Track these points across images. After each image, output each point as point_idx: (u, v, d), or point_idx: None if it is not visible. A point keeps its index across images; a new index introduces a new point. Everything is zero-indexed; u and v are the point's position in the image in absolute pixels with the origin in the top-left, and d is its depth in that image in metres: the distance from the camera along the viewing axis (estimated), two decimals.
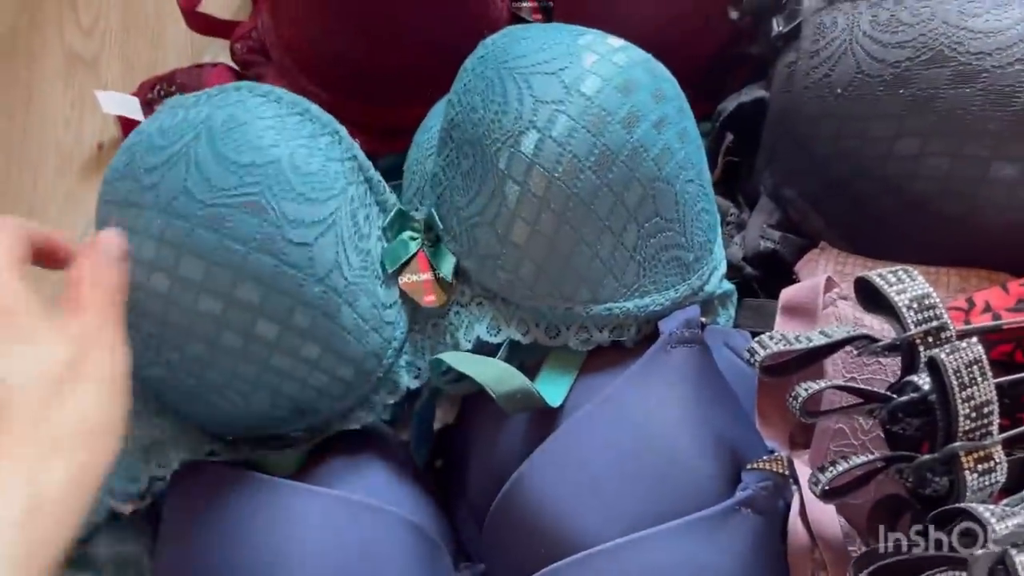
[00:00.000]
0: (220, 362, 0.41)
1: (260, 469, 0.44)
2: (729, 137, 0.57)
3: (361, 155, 0.44)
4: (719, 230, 0.51)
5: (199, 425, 0.45)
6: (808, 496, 0.45)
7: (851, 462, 0.42)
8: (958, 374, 0.39)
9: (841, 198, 0.51)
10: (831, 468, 0.41)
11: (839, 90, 0.50)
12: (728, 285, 0.52)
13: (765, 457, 0.45)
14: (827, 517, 0.46)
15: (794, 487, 0.45)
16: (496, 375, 0.43)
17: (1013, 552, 0.35)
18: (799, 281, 0.53)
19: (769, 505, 0.43)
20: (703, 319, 0.48)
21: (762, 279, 0.54)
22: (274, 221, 0.40)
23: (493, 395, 0.42)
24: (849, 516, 0.46)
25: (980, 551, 0.36)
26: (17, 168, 0.65)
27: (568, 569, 0.40)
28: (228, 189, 0.39)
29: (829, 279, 0.50)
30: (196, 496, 0.43)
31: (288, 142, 0.41)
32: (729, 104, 0.56)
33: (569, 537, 0.41)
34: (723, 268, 0.51)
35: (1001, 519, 0.37)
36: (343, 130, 0.44)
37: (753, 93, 0.55)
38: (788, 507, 0.46)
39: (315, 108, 0.43)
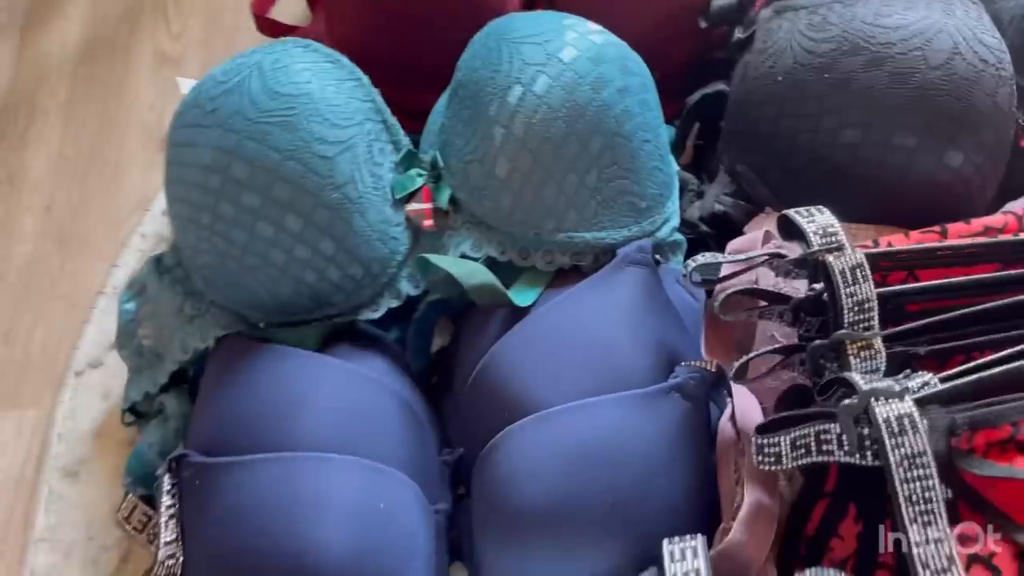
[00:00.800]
0: (256, 248, 0.52)
1: None
2: (696, 125, 0.67)
3: (380, 100, 0.56)
4: (674, 189, 0.61)
5: (236, 311, 0.56)
6: (738, 404, 0.53)
7: (759, 351, 0.51)
8: (843, 274, 0.48)
9: (781, 169, 0.61)
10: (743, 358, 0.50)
11: (779, 78, 0.60)
12: (679, 236, 0.61)
13: (697, 360, 0.53)
14: (750, 417, 0.54)
15: (728, 399, 0.54)
16: (468, 270, 0.53)
17: (873, 402, 0.43)
18: None
19: (697, 392, 0.51)
20: (657, 257, 0.57)
21: (715, 237, 0.63)
22: (304, 137, 0.51)
23: (464, 286, 0.52)
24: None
25: (845, 402, 0.44)
26: (109, 140, 0.79)
27: (529, 425, 0.49)
28: (271, 111, 0.51)
29: (767, 232, 0.59)
30: (228, 361, 0.53)
31: (319, 80, 0.53)
32: (695, 96, 0.66)
33: (527, 403, 0.50)
34: (675, 221, 0.60)
35: (868, 383, 0.45)
36: (366, 79, 0.56)
37: (715, 86, 0.65)
38: (719, 407, 0.54)
39: (344, 59, 0.55)
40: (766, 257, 0.52)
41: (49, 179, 0.77)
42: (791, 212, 0.53)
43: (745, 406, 0.53)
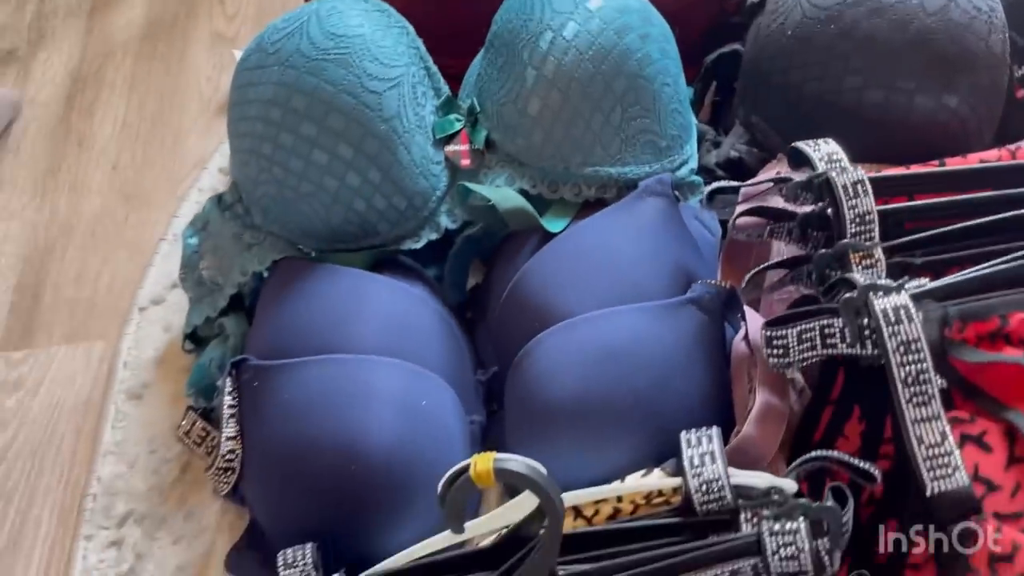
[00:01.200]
0: (312, 175, 0.58)
1: None
2: (713, 84, 0.73)
3: (423, 49, 0.62)
4: (692, 134, 0.66)
5: (290, 241, 0.61)
6: (751, 325, 0.57)
7: (768, 263, 0.55)
8: (845, 188, 0.52)
9: (791, 117, 0.65)
10: (753, 271, 0.55)
11: (788, 32, 0.65)
12: (697, 178, 0.66)
13: (712, 280, 0.58)
14: (760, 335, 0.58)
15: (742, 322, 0.58)
16: (503, 195, 0.58)
17: (872, 296, 0.48)
18: None
19: (712, 307, 0.56)
20: (676, 193, 0.62)
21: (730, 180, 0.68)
22: (357, 73, 0.57)
23: (500, 209, 0.57)
24: None
25: (846, 295, 0.48)
26: (170, 108, 0.86)
27: (557, 331, 0.54)
28: (327, 49, 0.57)
29: (779, 173, 0.64)
30: (285, 279, 0.58)
31: (371, 25, 0.59)
32: (712, 56, 0.72)
33: (556, 312, 0.55)
34: (693, 164, 0.65)
35: (867, 279, 0.49)
36: (411, 28, 0.61)
37: (731, 47, 0.71)
38: (733, 328, 0.59)
39: (392, 10, 0.61)
40: (776, 182, 0.57)
41: (115, 142, 0.84)
42: (799, 143, 0.58)
43: (757, 327, 0.58)
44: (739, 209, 0.61)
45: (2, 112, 0.86)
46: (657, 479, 0.49)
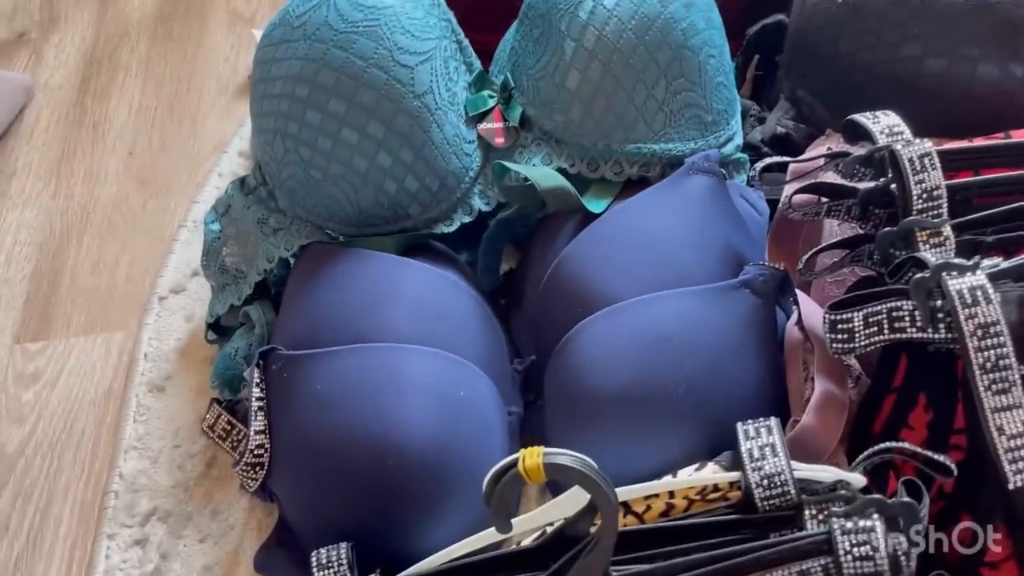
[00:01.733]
0: (340, 155, 0.55)
1: None
2: (756, 57, 0.69)
3: (454, 21, 0.59)
4: (738, 109, 0.63)
5: (318, 225, 0.58)
6: (804, 310, 0.54)
7: (828, 243, 0.52)
8: (912, 162, 0.49)
9: (842, 90, 0.62)
10: (810, 252, 0.52)
11: (839, 1, 0.61)
12: (743, 155, 0.62)
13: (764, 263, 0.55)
14: (816, 321, 0.55)
15: (794, 306, 0.55)
16: (543, 174, 0.55)
17: (946, 276, 0.45)
18: None
19: (766, 289, 0.53)
20: (723, 171, 0.59)
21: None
22: (387, 46, 0.54)
23: (538, 188, 0.54)
24: None
25: (918, 275, 0.45)
26: (187, 90, 0.83)
27: (603, 316, 0.51)
28: (356, 22, 0.54)
29: (829, 149, 0.61)
30: (314, 264, 0.56)
31: None
32: (755, 28, 0.68)
33: (600, 297, 0.52)
34: (739, 140, 0.62)
35: (938, 258, 0.46)
36: (443, 2, 0.58)
37: (775, 18, 0.67)
38: (786, 312, 0.55)
39: None
40: (831, 157, 0.53)
41: (131, 127, 0.81)
42: (856, 116, 0.54)
43: (810, 312, 0.54)
44: (792, 187, 0.58)
45: (15, 97, 0.83)
46: (712, 473, 0.46)
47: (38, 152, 0.81)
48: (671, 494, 0.47)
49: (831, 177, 0.57)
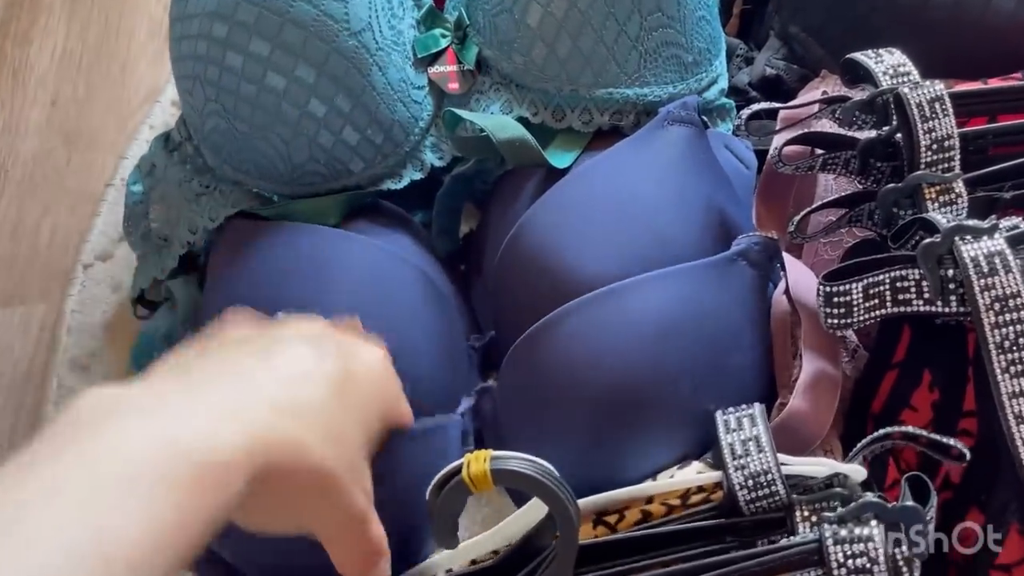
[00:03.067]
0: (266, 103, 0.48)
1: None
2: None
3: None
4: (722, 48, 0.56)
5: (247, 185, 0.51)
6: (792, 277, 0.48)
7: (822, 202, 0.46)
8: (920, 108, 0.43)
9: (840, 24, 0.55)
10: (803, 212, 0.45)
11: None
12: (728, 100, 0.56)
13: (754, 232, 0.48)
14: (805, 289, 0.49)
15: (782, 273, 0.49)
16: (499, 123, 0.48)
17: (959, 240, 0.39)
18: None
19: (761, 259, 0.47)
20: (704, 119, 0.52)
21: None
22: None
23: (494, 140, 0.48)
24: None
25: (926, 241, 0.39)
26: (116, 34, 0.75)
27: (597, 300, 0.44)
28: None
29: (824, 93, 0.54)
30: (238, 242, 0.49)
31: None
32: None
33: (568, 271, 0.46)
34: (723, 83, 0.55)
35: (948, 219, 0.40)
36: None
37: None
38: (772, 281, 0.49)
39: None
40: (827, 102, 0.47)
41: (54, 73, 0.73)
42: (856, 55, 0.48)
43: (799, 279, 0.48)
44: (782, 137, 0.51)
45: None
46: (696, 474, 0.40)
47: None
48: (648, 499, 0.41)
49: (827, 125, 0.50)
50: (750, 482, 0.38)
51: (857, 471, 0.38)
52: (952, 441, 0.38)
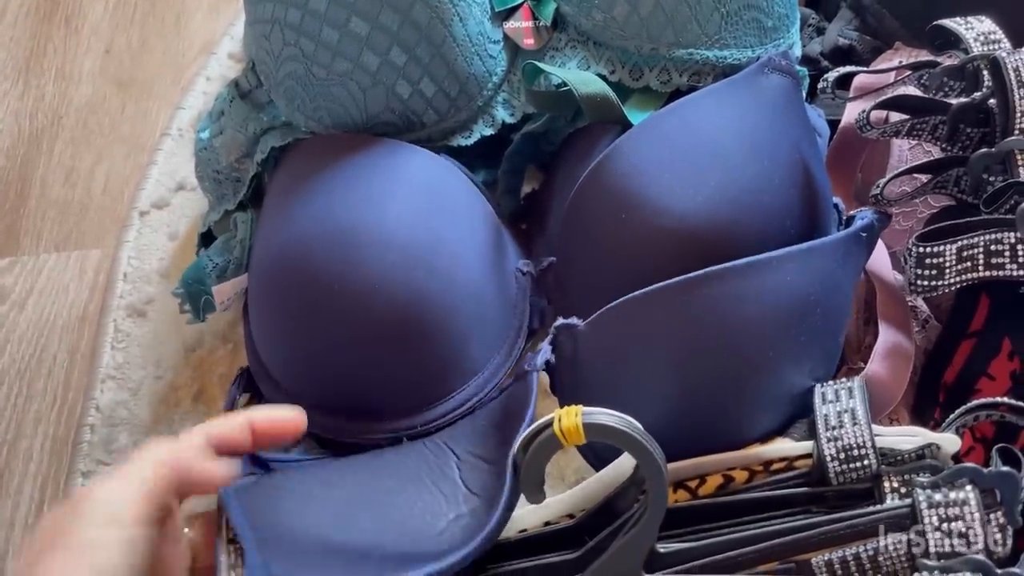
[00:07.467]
0: (348, 50, 0.47)
1: None
2: None
3: None
4: (797, 15, 0.55)
5: (320, 132, 0.51)
6: None
7: (910, 165, 0.45)
8: (1017, 72, 0.42)
9: None
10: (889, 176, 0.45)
11: None
12: (802, 68, 0.55)
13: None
14: (878, 260, 0.49)
15: None
16: (582, 78, 0.48)
17: None
18: None
19: (875, 237, 0.46)
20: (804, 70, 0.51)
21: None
22: None
23: (576, 94, 0.47)
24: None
25: None
26: None
27: (733, 272, 0.42)
28: None
29: (900, 63, 0.54)
30: (306, 152, 0.50)
31: None
32: None
33: (648, 203, 0.44)
34: (798, 51, 0.55)
35: None
36: None
37: None
38: None
39: None
40: (914, 68, 0.46)
41: (108, 23, 0.73)
42: (945, 20, 0.47)
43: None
44: (858, 105, 0.51)
45: None
46: (791, 442, 0.40)
47: (4, 49, 0.73)
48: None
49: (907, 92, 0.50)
50: (842, 455, 0.37)
51: (951, 440, 0.38)
52: None
